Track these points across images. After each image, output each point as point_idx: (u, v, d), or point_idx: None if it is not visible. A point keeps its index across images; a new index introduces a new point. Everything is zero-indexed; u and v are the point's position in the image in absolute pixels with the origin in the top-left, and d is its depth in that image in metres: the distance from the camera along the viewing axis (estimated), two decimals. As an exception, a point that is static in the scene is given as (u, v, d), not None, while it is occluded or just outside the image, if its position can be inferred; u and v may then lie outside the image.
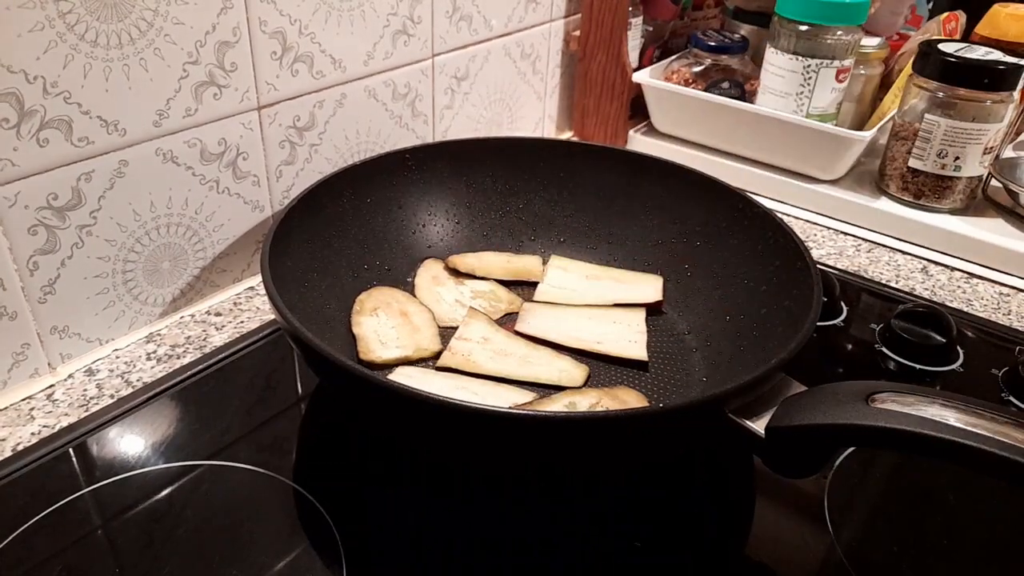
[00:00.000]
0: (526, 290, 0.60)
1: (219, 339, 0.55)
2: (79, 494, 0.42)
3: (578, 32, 0.83)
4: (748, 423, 0.37)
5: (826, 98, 0.73)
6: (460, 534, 0.41)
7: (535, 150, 0.64)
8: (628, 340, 0.54)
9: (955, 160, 0.68)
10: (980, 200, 0.73)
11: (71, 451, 0.45)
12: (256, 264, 0.61)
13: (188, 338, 0.55)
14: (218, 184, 0.55)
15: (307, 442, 0.47)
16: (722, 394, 0.38)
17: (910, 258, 0.70)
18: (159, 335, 0.55)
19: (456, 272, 0.60)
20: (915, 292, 0.65)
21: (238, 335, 0.55)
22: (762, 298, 0.51)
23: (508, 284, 0.60)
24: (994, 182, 0.73)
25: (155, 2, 0.47)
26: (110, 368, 0.52)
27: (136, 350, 0.53)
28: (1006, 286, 0.66)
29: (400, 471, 0.45)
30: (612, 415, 0.40)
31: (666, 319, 0.57)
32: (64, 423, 0.47)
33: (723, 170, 0.79)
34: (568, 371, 0.51)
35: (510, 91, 0.79)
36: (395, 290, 0.57)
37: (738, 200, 0.57)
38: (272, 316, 0.57)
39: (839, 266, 0.68)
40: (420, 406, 0.36)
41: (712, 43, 0.82)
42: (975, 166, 0.69)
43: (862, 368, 0.55)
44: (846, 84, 0.74)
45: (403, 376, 0.49)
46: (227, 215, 0.57)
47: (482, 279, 0.60)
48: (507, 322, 0.56)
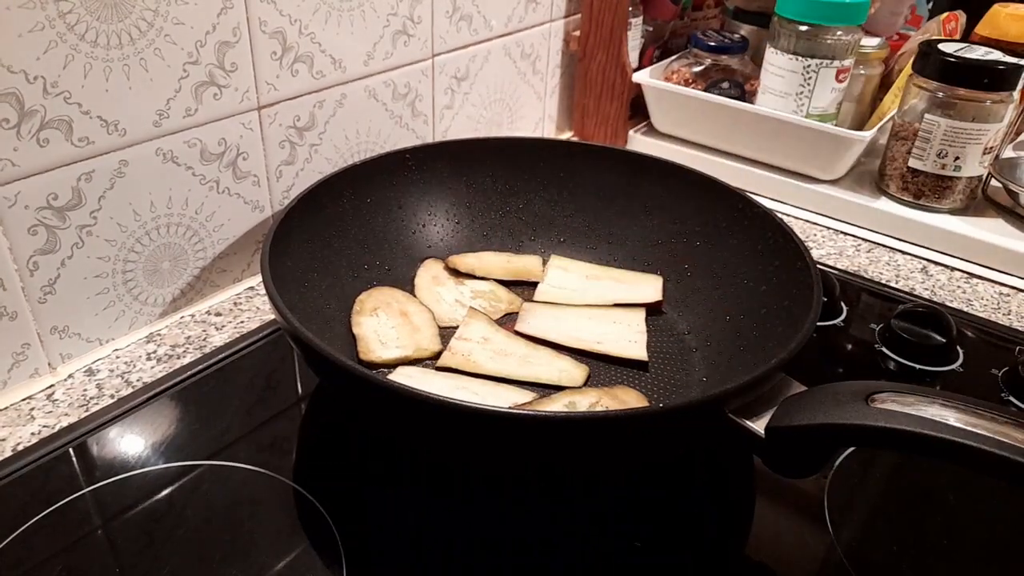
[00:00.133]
0: (526, 290, 0.60)
1: (219, 339, 0.55)
2: (79, 494, 0.42)
3: (578, 32, 0.83)
4: (748, 423, 0.37)
5: (826, 98, 0.73)
6: (460, 534, 0.41)
7: (535, 150, 0.64)
8: (628, 340, 0.54)
9: (955, 160, 0.68)
10: (980, 200, 0.73)
11: (71, 451, 0.45)
12: (256, 264, 0.61)
13: (188, 338, 0.55)
14: (218, 184, 0.55)
15: (307, 442, 0.47)
16: (722, 394, 0.38)
17: (910, 258, 0.70)
18: (159, 335, 0.55)
19: (456, 272, 0.60)
20: (915, 292, 0.65)
21: (238, 335, 0.55)
22: (762, 298, 0.51)
23: (508, 284, 0.60)
24: (994, 182, 0.73)
25: (155, 2, 0.47)
26: (110, 368, 0.52)
27: (136, 350, 0.54)
28: (1006, 286, 0.66)
29: (400, 471, 0.45)
30: (612, 415, 0.40)
31: (666, 319, 0.57)
32: (64, 423, 0.47)
33: (723, 170, 0.79)
34: (568, 371, 0.51)
35: (510, 91, 0.79)
36: (395, 290, 0.57)
37: (738, 200, 0.57)
38: (272, 316, 0.57)
39: (839, 266, 0.68)
40: (420, 406, 0.36)
41: (712, 43, 0.82)
42: (975, 166, 0.69)
43: (862, 368, 0.55)
44: (846, 84, 0.74)
45: (403, 376, 0.49)
46: (227, 215, 0.57)
47: (482, 279, 0.60)
48: (507, 322, 0.56)
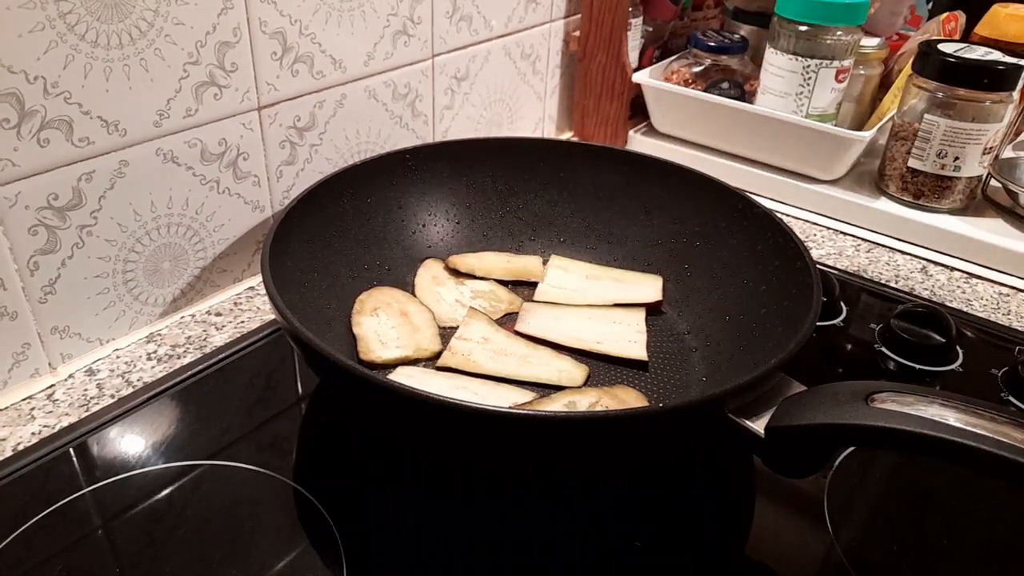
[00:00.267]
0: (526, 290, 0.60)
1: (219, 339, 0.55)
2: (79, 494, 0.42)
3: (578, 32, 0.83)
4: (748, 423, 0.37)
5: (826, 98, 0.73)
6: (460, 534, 0.41)
7: (535, 150, 0.64)
8: (628, 340, 0.54)
9: (955, 160, 0.68)
10: (980, 200, 0.73)
11: (71, 451, 0.45)
12: (256, 264, 0.61)
13: (188, 338, 0.55)
14: (218, 184, 0.55)
15: (307, 442, 0.47)
16: (722, 394, 0.38)
17: (910, 258, 0.70)
18: (159, 335, 0.55)
19: (456, 272, 0.60)
20: (915, 292, 0.65)
21: (238, 335, 0.55)
22: (762, 298, 0.51)
23: (508, 284, 0.60)
24: (993, 182, 0.73)
25: (155, 2, 0.47)
26: (110, 368, 0.52)
27: (136, 350, 0.54)
28: (1006, 286, 0.66)
29: (400, 471, 0.45)
30: (612, 415, 0.40)
31: (666, 319, 0.57)
32: (64, 423, 0.47)
33: (723, 170, 0.79)
34: (568, 371, 0.51)
35: (510, 91, 0.79)
36: (395, 290, 0.57)
37: (738, 200, 0.57)
38: (272, 316, 0.57)
39: (839, 266, 0.68)
40: (420, 406, 0.36)
41: (712, 43, 0.82)
42: (974, 166, 0.69)
43: (862, 368, 0.55)
44: (846, 84, 0.74)
45: (403, 376, 0.49)
46: (227, 215, 0.57)
47: (482, 279, 0.60)
48: (507, 322, 0.56)
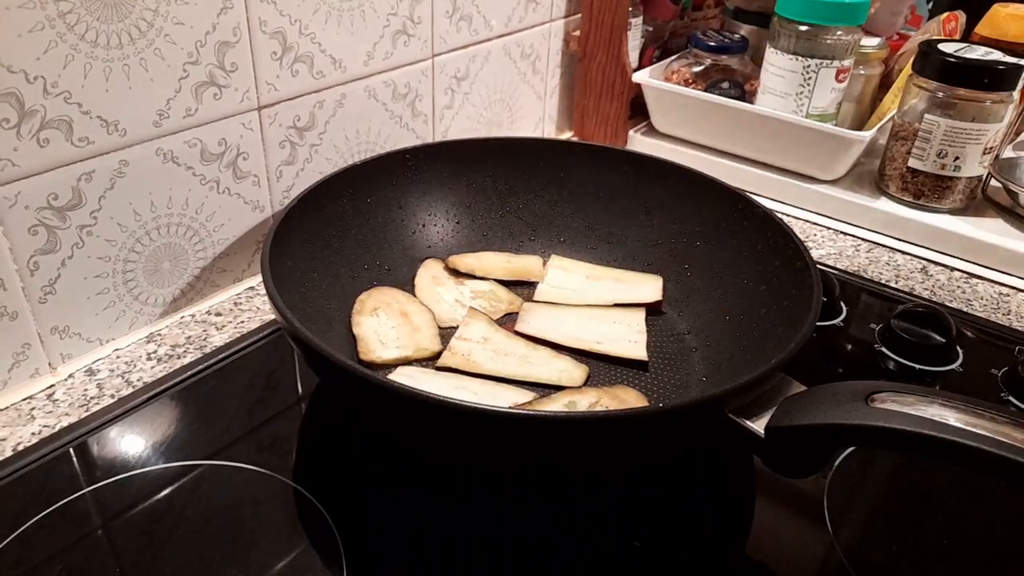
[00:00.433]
0: (526, 290, 0.60)
1: (219, 339, 0.55)
2: (79, 494, 0.42)
3: (578, 32, 0.83)
4: (748, 423, 0.37)
5: (826, 98, 0.73)
6: (460, 534, 0.41)
7: (535, 150, 0.64)
8: (628, 340, 0.54)
9: (955, 160, 0.68)
10: (980, 200, 0.73)
11: (71, 451, 0.45)
12: (256, 264, 0.61)
13: (188, 338, 0.55)
14: (218, 184, 0.55)
15: (307, 442, 0.47)
16: (722, 394, 0.38)
17: (910, 258, 0.70)
18: (159, 335, 0.55)
19: (456, 272, 0.60)
20: (915, 292, 0.65)
21: (238, 335, 0.55)
22: (762, 298, 0.51)
23: (508, 284, 0.60)
24: (994, 182, 0.73)
25: (155, 2, 0.47)
26: (110, 368, 0.52)
27: (136, 350, 0.54)
28: (1006, 286, 0.66)
29: (400, 471, 0.45)
30: (612, 415, 0.40)
31: (666, 319, 0.57)
32: (64, 423, 0.47)
33: (723, 170, 0.79)
34: (568, 371, 0.51)
35: (510, 91, 0.79)
36: (395, 290, 0.57)
37: (738, 200, 0.57)
38: (272, 316, 0.57)
39: (839, 266, 0.68)
40: (420, 406, 0.36)
41: (712, 43, 0.82)
42: (975, 166, 0.69)
43: (862, 368, 0.55)
44: (846, 84, 0.74)
45: (403, 376, 0.49)
46: (227, 215, 0.57)
47: (482, 279, 0.60)
48: (507, 322, 0.56)
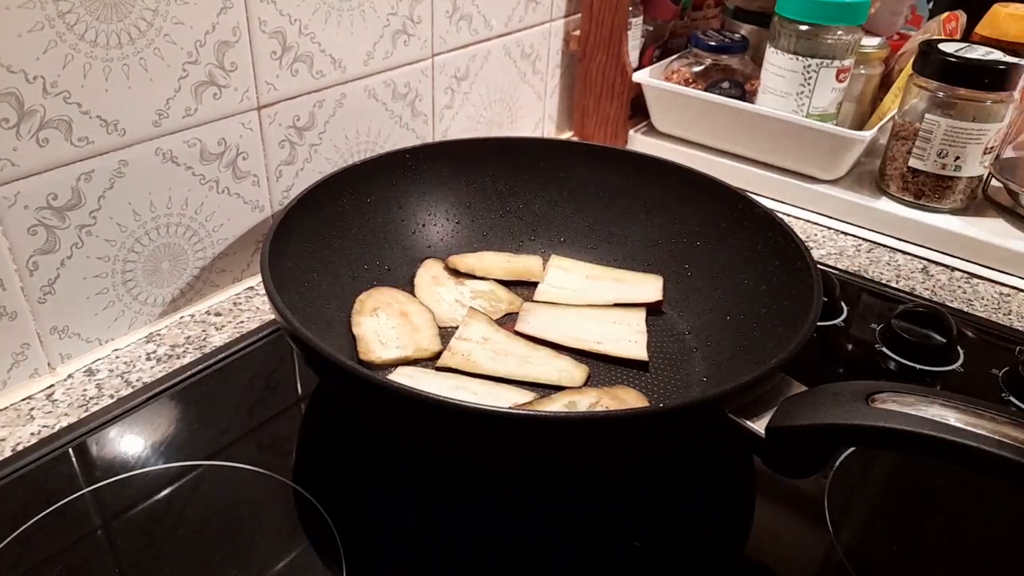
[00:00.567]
0: (526, 290, 0.60)
1: (219, 339, 0.55)
2: (79, 494, 0.42)
3: (578, 32, 0.83)
4: (748, 423, 0.37)
5: (826, 98, 0.73)
6: (460, 534, 0.41)
7: (535, 150, 0.64)
8: (628, 340, 0.54)
9: (955, 160, 0.68)
10: (980, 200, 0.73)
11: (71, 451, 0.45)
12: (256, 264, 0.61)
13: (188, 338, 0.55)
14: (218, 184, 0.55)
15: (307, 442, 0.47)
16: (722, 394, 0.38)
17: (910, 258, 0.70)
18: (159, 335, 0.55)
19: (456, 272, 0.60)
20: (915, 292, 0.65)
21: (238, 335, 0.55)
22: (762, 298, 0.51)
23: (508, 284, 0.60)
24: (994, 182, 0.73)
25: (155, 2, 0.47)
26: (110, 368, 0.52)
27: (136, 350, 0.53)
28: (1006, 286, 0.66)
29: (400, 471, 0.45)
30: (612, 415, 0.40)
31: (666, 319, 0.57)
32: (64, 423, 0.47)
33: (723, 170, 0.79)
34: (568, 371, 0.51)
35: (510, 91, 0.79)
36: (395, 290, 0.57)
37: (738, 200, 0.57)
38: (272, 316, 0.57)
39: (839, 266, 0.68)
40: (420, 406, 0.36)
41: (712, 43, 0.82)
42: (975, 166, 0.69)
43: (862, 368, 0.55)
44: (846, 84, 0.74)
45: (403, 376, 0.49)
46: (227, 215, 0.57)
47: (482, 279, 0.60)
48: (507, 322, 0.56)
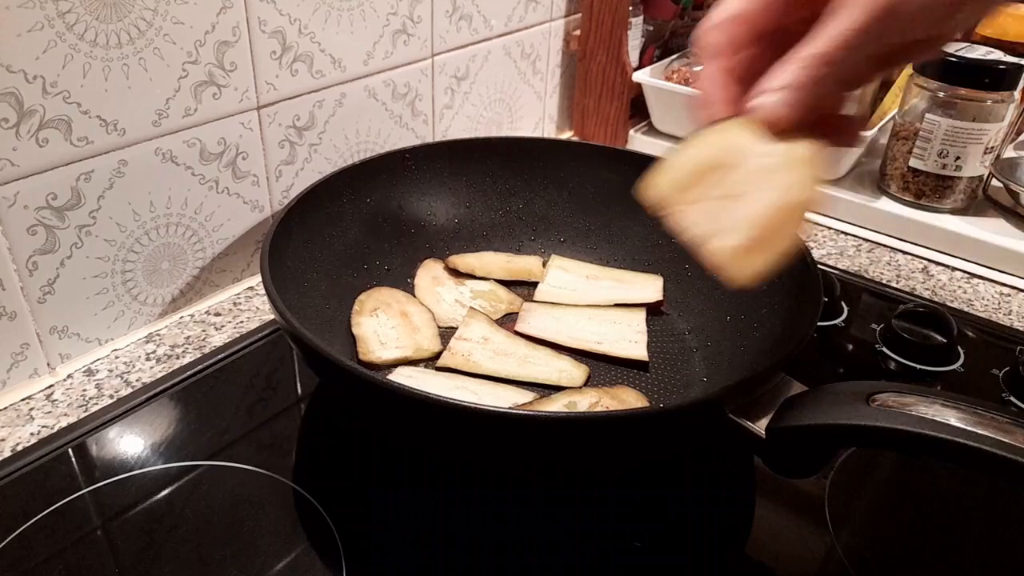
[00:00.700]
0: (526, 290, 0.60)
1: (219, 339, 0.55)
2: (79, 494, 0.42)
3: (578, 32, 0.83)
4: (748, 423, 0.37)
5: (826, 98, 0.73)
6: (460, 534, 0.41)
7: (535, 150, 0.64)
8: (628, 340, 0.54)
9: (956, 160, 0.68)
10: (981, 200, 0.73)
11: (70, 451, 0.45)
12: (256, 264, 0.61)
13: (188, 338, 0.55)
14: (217, 184, 0.55)
15: (307, 442, 0.47)
16: (722, 394, 0.38)
17: (911, 258, 0.70)
18: (158, 335, 0.55)
19: (456, 272, 0.60)
20: (916, 292, 0.65)
21: (238, 335, 0.55)
22: (762, 298, 0.51)
23: (508, 284, 0.60)
24: (995, 182, 0.73)
25: (154, 2, 0.47)
26: (109, 368, 0.52)
27: (135, 350, 0.53)
28: (1007, 286, 0.66)
29: (400, 471, 0.45)
30: (612, 415, 0.40)
31: (666, 319, 0.57)
32: (63, 423, 0.47)
33: (723, 170, 0.79)
34: (568, 371, 0.51)
35: (510, 91, 0.79)
36: (395, 290, 0.57)
37: (738, 200, 0.57)
38: (272, 316, 0.57)
39: (840, 266, 0.68)
40: (420, 406, 0.36)
41: (712, 43, 0.82)
42: (976, 166, 0.69)
43: (863, 368, 0.55)
44: (846, 84, 0.74)
45: (403, 376, 0.49)
46: (226, 215, 0.57)
47: (482, 279, 0.60)
48: (507, 322, 0.56)
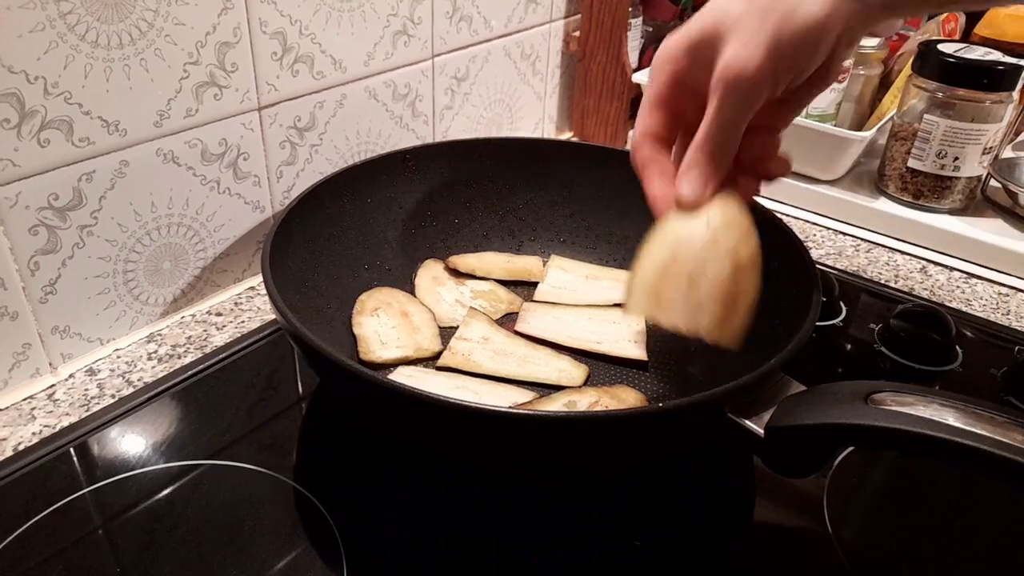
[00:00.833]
0: (526, 290, 0.60)
1: (220, 339, 0.55)
2: (80, 494, 0.42)
3: (578, 32, 0.83)
4: (748, 423, 0.37)
5: (825, 98, 0.73)
6: (460, 534, 0.41)
7: (535, 150, 0.64)
8: (628, 340, 0.54)
9: (954, 160, 0.68)
10: (979, 200, 0.73)
11: (72, 451, 0.45)
12: (257, 264, 0.61)
13: (189, 338, 0.55)
14: (219, 184, 0.55)
15: (307, 442, 0.47)
16: (722, 394, 0.38)
17: (909, 258, 0.70)
18: (160, 335, 0.55)
19: (456, 272, 0.60)
20: (914, 292, 0.65)
21: (239, 335, 0.55)
22: (762, 298, 0.51)
23: (508, 284, 0.60)
24: (993, 182, 0.73)
25: (156, 3, 0.47)
26: (111, 368, 0.52)
27: (137, 350, 0.54)
28: (1005, 286, 0.66)
29: (400, 471, 0.45)
30: (612, 415, 0.40)
31: (666, 319, 0.57)
32: (65, 423, 0.47)
33: (723, 170, 0.79)
34: (568, 371, 0.51)
35: (510, 91, 0.79)
36: (395, 290, 0.57)
37: (738, 200, 0.57)
38: (273, 316, 0.57)
39: (838, 266, 0.68)
40: (420, 406, 0.36)
41: (712, 43, 0.82)
42: (974, 166, 0.69)
43: (861, 368, 0.55)
44: (845, 84, 0.74)
45: (403, 376, 0.49)
46: (228, 215, 0.57)
47: (482, 279, 0.60)
48: (507, 322, 0.56)
